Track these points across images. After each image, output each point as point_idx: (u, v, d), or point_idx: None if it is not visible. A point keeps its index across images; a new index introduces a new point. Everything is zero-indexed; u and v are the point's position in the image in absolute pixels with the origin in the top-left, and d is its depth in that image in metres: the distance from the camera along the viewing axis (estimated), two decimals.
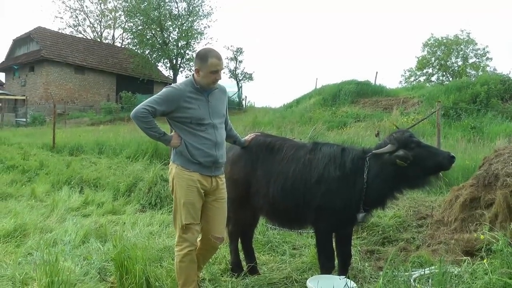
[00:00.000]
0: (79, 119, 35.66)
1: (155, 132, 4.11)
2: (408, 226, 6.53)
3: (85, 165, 13.11)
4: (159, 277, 4.55)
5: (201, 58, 4.10)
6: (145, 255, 4.47)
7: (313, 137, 11.51)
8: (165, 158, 13.14)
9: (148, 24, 44.41)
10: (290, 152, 4.82)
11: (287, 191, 4.65)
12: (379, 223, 6.50)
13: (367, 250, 5.86)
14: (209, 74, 4.09)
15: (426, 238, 5.87)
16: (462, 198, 5.77)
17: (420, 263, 4.93)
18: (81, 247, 6.14)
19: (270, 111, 31.14)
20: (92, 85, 44.66)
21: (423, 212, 6.92)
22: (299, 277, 4.95)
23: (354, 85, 28.57)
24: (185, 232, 4.12)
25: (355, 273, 5.04)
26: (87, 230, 6.73)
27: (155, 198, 9.11)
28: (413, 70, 47.45)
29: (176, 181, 4.17)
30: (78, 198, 9.51)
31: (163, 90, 4.15)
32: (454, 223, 5.69)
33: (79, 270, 5.18)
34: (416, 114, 20.66)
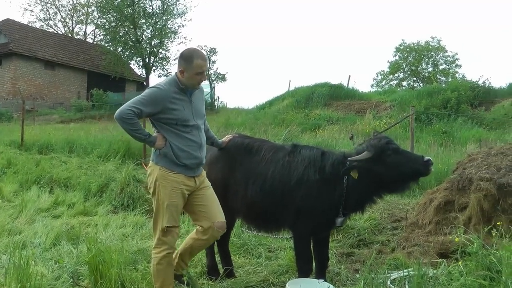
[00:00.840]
0: (48, 116, 35.01)
1: (140, 134, 4.04)
2: (383, 228, 6.60)
3: (55, 164, 12.82)
4: (135, 280, 4.46)
5: (185, 59, 4.06)
6: (120, 259, 4.38)
7: (287, 139, 11.53)
8: (137, 158, 13.03)
9: (121, 21, 43.94)
10: (269, 154, 4.80)
11: (266, 193, 4.63)
12: (354, 225, 6.55)
13: (343, 252, 5.89)
14: (194, 75, 4.07)
15: (401, 240, 5.93)
16: (437, 201, 5.87)
17: (396, 265, 4.97)
18: (52, 250, 5.98)
19: (243, 112, 31.11)
20: (62, 82, 43.83)
21: (397, 214, 7.00)
22: (276, 280, 4.93)
23: (327, 88, 28.77)
24: (165, 235, 4.08)
25: (332, 276, 5.05)
26: (58, 232, 6.57)
27: (128, 199, 8.96)
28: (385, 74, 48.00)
29: (160, 183, 4.11)
30: (48, 198, 9.27)
31: (147, 90, 4.09)
32: (429, 225, 5.78)
33: (51, 274, 5.04)
34: (388, 118, 20.96)
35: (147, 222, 7.60)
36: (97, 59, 45.62)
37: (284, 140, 11.59)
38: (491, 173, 5.58)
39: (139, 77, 49.33)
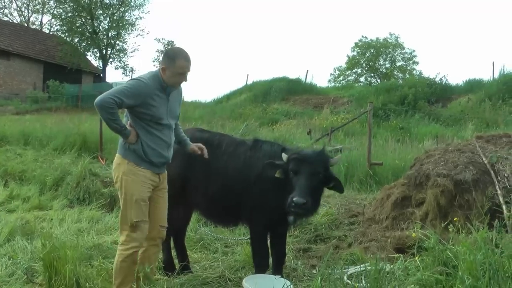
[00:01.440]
0: (3, 108, 34.04)
1: (116, 125, 3.95)
2: (340, 224, 6.64)
3: (10, 157, 12.47)
4: (90, 277, 4.39)
5: (169, 57, 4.04)
6: (75, 255, 4.30)
7: (244, 134, 11.54)
8: (93, 151, 12.82)
9: (78, 11, 43.13)
10: (230, 149, 4.79)
11: (227, 188, 4.62)
12: (312, 221, 6.53)
13: (300, 248, 5.92)
14: (176, 75, 4.04)
15: (358, 235, 5.99)
16: (394, 196, 5.95)
17: (353, 260, 5.03)
18: (6, 245, 5.84)
19: (200, 106, 30.96)
20: (18, 72, 42.66)
21: (354, 210, 7.06)
22: (233, 276, 4.93)
23: (285, 83, 28.92)
24: (135, 230, 4.02)
25: (289, 271, 5.07)
26: (13, 227, 6.40)
27: (84, 193, 8.79)
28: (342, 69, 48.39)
29: (128, 178, 4.06)
30: (2, 192, 9.03)
31: (131, 82, 4.04)
32: (386, 221, 5.86)
33: (4, 270, 4.97)
34: (346, 113, 21.21)
35: (103, 217, 7.53)
36: (54, 50, 44.57)
37: (241, 134, 11.60)
38: (448, 169, 5.69)
39: (96, 69, 48.45)
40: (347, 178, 9.04)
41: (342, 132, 14.41)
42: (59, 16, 45.19)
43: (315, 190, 4.21)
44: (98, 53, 46.58)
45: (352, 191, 8.58)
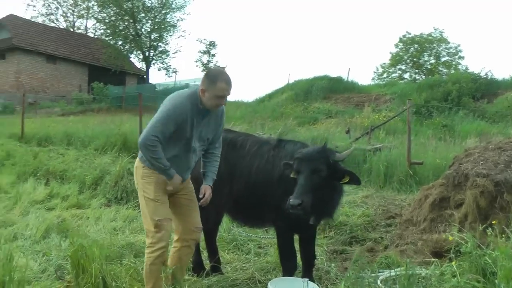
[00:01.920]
0: (50, 109, 35.02)
1: (160, 164, 3.88)
2: (377, 225, 6.44)
3: (53, 157, 12.80)
4: (118, 276, 4.36)
5: (210, 79, 3.88)
6: (103, 253, 4.27)
7: (283, 133, 11.43)
8: (133, 152, 12.92)
9: (121, 15, 44.07)
10: (254, 148, 4.71)
11: (250, 188, 4.53)
12: (347, 222, 6.40)
13: (334, 250, 5.75)
14: (215, 97, 3.89)
15: (394, 238, 5.77)
16: (432, 197, 5.70)
17: (388, 264, 4.83)
18: (41, 242, 5.92)
19: (242, 106, 31.04)
20: (64, 75, 43.88)
21: (392, 211, 6.84)
22: (263, 278, 4.83)
23: (327, 81, 28.66)
24: (159, 230, 3.94)
25: (321, 274, 4.94)
26: (49, 225, 6.51)
27: (121, 192, 8.86)
28: (385, 66, 47.56)
29: (144, 180, 4.03)
30: (43, 190, 9.19)
31: (169, 106, 3.88)
32: (423, 223, 5.61)
33: (37, 267, 5.02)
34: (388, 111, 20.76)
35: (139, 216, 7.48)
36: (98, 53, 45.61)
37: (280, 133, 11.49)
38: (488, 168, 5.39)
39: (139, 71, 49.33)
40: (386, 178, 8.82)
41: (383, 131, 14.08)
42: (103, 20, 46.34)
43: (319, 189, 3.99)
44: (141, 55, 47.47)
45: (391, 191, 8.37)
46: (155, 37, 46.73)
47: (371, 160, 9.28)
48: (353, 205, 7.32)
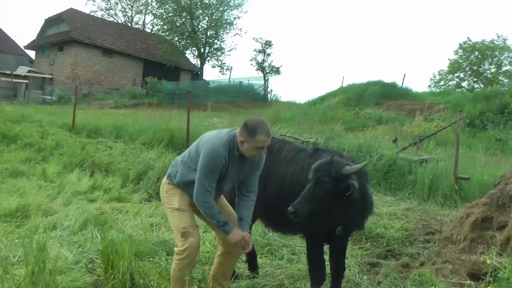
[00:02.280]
0: (103, 101, 35.87)
1: (215, 220, 3.89)
2: (415, 240, 6.21)
3: (100, 149, 13.06)
4: (147, 273, 4.39)
5: (249, 131, 3.78)
6: (132, 250, 4.30)
7: (329, 138, 11.28)
8: (180, 148, 13.06)
9: (179, 11, 44.69)
10: (290, 155, 4.66)
11: (283, 194, 4.44)
12: (385, 234, 6.22)
13: (368, 262, 5.59)
14: (254, 148, 3.83)
15: (432, 255, 5.54)
16: (474, 216, 5.46)
17: (421, 281, 4.66)
18: (78, 233, 6.00)
19: (294, 107, 30.99)
20: (119, 69, 44.93)
21: (433, 226, 6.59)
22: (291, 286, 4.77)
23: (380, 86, 28.24)
24: (187, 237, 3.93)
25: (351, 286, 4.82)
26: (88, 217, 6.60)
27: None
28: (443, 73, 46.34)
29: (169, 194, 4.09)
30: (87, 181, 9.35)
31: (210, 157, 3.83)
32: (463, 242, 5.38)
33: (72, 257, 5.10)
34: (440, 121, 20.19)
35: None
36: (154, 48, 46.45)
37: (327, 138, 11.35)
38: None
39: (194, 67, 49.91)
40: (431, 191, 8.55)
41: (433, 141, 13.72)
42: (161, 16, 47.06)
43: (322, 200, 3.90)
44: (196, 52, 48.03)
45: (434, 206, 8.10)
46: (211, 34, 47.25)
47: (416, 172, 9.04)
48: (393, 217, 7.12)
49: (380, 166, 9.48)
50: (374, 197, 8.41)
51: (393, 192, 9.01)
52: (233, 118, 18.88)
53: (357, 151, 10.19)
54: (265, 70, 47.93)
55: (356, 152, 10.13)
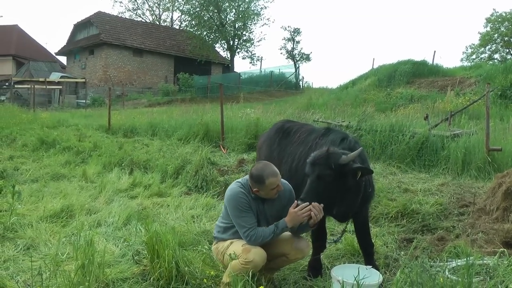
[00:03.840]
0: (137, 101, 36.45)
1: (270, 235, 4.00)
2: (449, 214, 6.26)
3: (137, 147, 13.37)
4: (192, 261, 4.59)
5: (257, 181, 4.00)
6: (176, 240, 4.51)
7: (361, 120, 11.29)
8: (215, 141, 13.29)
9: (206, 5, 44.96)
10: (303, 136, 4.88)
11: (293, 172, 4.67)
12: (420, 210, 6.28)
13: (405, 238, 5.68)
14: (270, 191, 4.03)
15: (466, 227, 5.60)
16: (505, 186, 5.47)
17: (457, 253, 4.74)
18: (122, 229, 6.22)
19: (326, 92, 30.94)
20: (150, 67, 45.52)
21: (467, 199, 6.62)
22: (330, 265, 4.88)
23: (410, 65, 27.91)
24: (248, 251, 4.03)
25: (389, 261, 4.93)
26: (130, 212, 6.82)
27: (201, 181, 9.10)
28: (475, 47, 45.36)
29: (222, 247, 4.25)
30: (127, 180, 9.59)
31: (233, 200, 4.07)
32: (496, 212, 5.41)
33: (118, 251, 5.29)
34: (472, 95, 19.89)
35: (217, 204, 7.74)
36: (183, 44, 46.87)
37: (359, 121, 11.35)
38: None
39: (224, 60, 50.18)
40: (464, 165, 8.52)
41: (465, 116, 13.59)
42: (188, 12, 47.28)
43: (329, 192, 3.98)
44: (226, 45, 48.22)
45: (469, 179, 8.09)
46: (239, 26, 47.41)
47: (449, 147, 9.01)
48: (427, 193, 7.16)
49: (413, 144, 9.47)
50: (409, 175, 8.55)
51: (427, 169, 9.00)
52: (266, 107, 19.00)
53: (389, 131, 10.16)
54: (295, 58, 47.88)
55: (389, 132, 10.12)
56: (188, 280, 4.30)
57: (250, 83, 40.71)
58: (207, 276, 4.40)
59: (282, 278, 4.68)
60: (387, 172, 8.82)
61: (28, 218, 6.59)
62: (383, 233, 5.93)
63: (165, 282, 4.26)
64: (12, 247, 5.46)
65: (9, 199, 6.53)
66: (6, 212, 6.57)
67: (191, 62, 45.70)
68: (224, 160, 10.94)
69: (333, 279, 3.77)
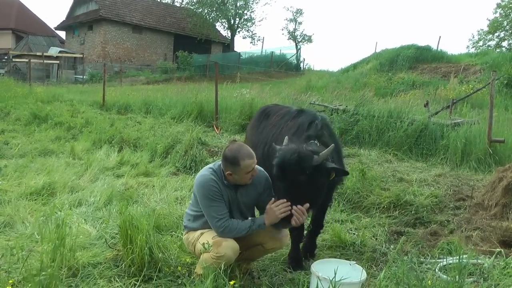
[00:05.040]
0: (135, 78, 36.13)
1: (245, 230, 3.75)
2: (445, 207, 5.95)
3: (130, 125, 13.12)
4: (167, 247, 4.36)
5: (232, 162, 3.71)
6: (151, 224, 4.23)
7: (359, 105, 11.01)
8: (209, 120, 13.04)
9: None
10: (278, 118, 4.69)
11: (265, 156, 4.42)
12: (413, 202, 5.98)
13: (395, 231, 5.39)
14: (245, 174, 3.75)
15: (461, 222, 5.29)
16: (506, 181, 5.17)
17: (450, 250, 4.47)
18: (103, 209, 5.97)
19: (326, 75, 30.68)
20: (149, 45, 45.10)
21: (464, 192, 6.29)
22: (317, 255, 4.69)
23: (414, 50, 27.66)
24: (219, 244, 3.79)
25: (377, 256, 4.67)
26: (113, 192, 6.57)
27: (190, 161, 8.86)
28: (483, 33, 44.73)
29: (193, 237, 3.98)
30: (115, 157, 9.36)
31: (203, 188, 3.77)
32: (494, 208, 5.10)
33: (95, 233, 5.06)
34: (476, 83, 19.58)
35: None
36: (183, 22, 46.43)
37: (356, 105, 11.06)
38: None
39: (225, 39, 49.77)
40: (463, 156, 8.23)
41: (468, 104, 13.28)
42: None
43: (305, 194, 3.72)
44: (227, 23, 47.79)
45: (468, 171, 7.80)
46: (240, 4, 47.00)
47: (449, 136, 8.72)
48: (423, 184, 6.86)
49: (411, 131, 9.19)
50: (405, 164, 8.29)
51: (424, 158, 8.74)
52: (263, 87, 18.75)
53: (387, 116, 9.89)
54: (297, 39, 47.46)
55: (387, 118, 9.85)
56: (162, 267, 4.06)
57: (250, 63, 40.35)
58: (181, 264, 4.17)
59: (262, 268, 4.42)
60: (382, 159, 8.56)
61: (9, 195, 6.37)
62: (373, 224, 5.67)
63: (137, 269, 4.00)
64: None
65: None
66: None
67: (191, 40, 45.27)
68: (216, 141, 10.69)
69: (313, 274, 3.51)
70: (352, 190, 6.50)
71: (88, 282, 3.90)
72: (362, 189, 6.45)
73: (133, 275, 3.98)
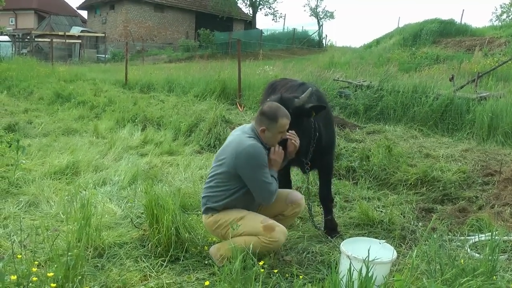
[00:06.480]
0: (157, 56, 36.13)
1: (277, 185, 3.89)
2: (473, 183, 5.79)
3: (152, 103, 13.05)
4: (193, 227, 4.33)
5: (270, 117, 3.76)
6: (177, 203, 4.21)
7: (383, 80, 10.81)
8: (232, 98, 12.94)
9: None
10: (283, 91, 4.68)
11: None
12: (441, 178, 5.85)
13: (424, 208, 5.31)
14: (277, 134, 3.79)
15: (490, 198, 5.18)
16: None
17: (479, 226, 4.38)
18: (127, 189, 5.97)
19: (349, 51, 30.31)
20: (171, 23, 45.00)
21: (492, 167, 6.09)
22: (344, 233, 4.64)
23: (437, 24, 27.14)
24: (272, 228, 3.87)
25: (405, 233, 4.60)
26: (137, 171, 6.56)
27: (214, 139, 8.83)
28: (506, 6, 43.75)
29: (220, 222, 3.95)
30: (139, 136, 9.37)
31: (260, 157, 3.73)
32: None
33: (120, 213, 5.07)
34: (501, 55, 19.11)
35: None
36: (205, 0, 46.09)
37: (380, 81, 10.87)
38: None
39: (247, 16, 49.45)
40: (490, 130, 8.01)
41: (494, 78, 12.95)
42: None
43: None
44: (248, 1, 47.34)
45: (495, 145, 7.59)
46: None
47: (474, 110, 8.52)
48: (450, 159, 6.70)
49: (436, 106, 9.00)
50: (431, 139, 8.13)
51: (450, 133, 8.55)
52: (285, 64, 18.54)
53: (412, 92, 9.70)
54: (319, 16, 46.92)
55: (411, 93, 9.66)
56: (188, 247, 4.04)
57: (272, 40, 40.05)
58: (208, 243, 4.16)
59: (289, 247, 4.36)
60: (408, 135, 8.41)
61: (33, 174, 6.40)
62: (400, 201, 5.59)
63: (163, 249, 4.00)
64: (15, 203, 5.27)
65: (15, 154, 6.30)
66: (12, 167, 6.37)
67: (213, 18, 45.03)
68: (240, 118, 10.60)
69: (342, 253, 3.45)
70: (378, 167, 6.42)
71: (115, 262, 3.91)
72: (388, 166, 6.38)
73: (160, 255, 3.98)
